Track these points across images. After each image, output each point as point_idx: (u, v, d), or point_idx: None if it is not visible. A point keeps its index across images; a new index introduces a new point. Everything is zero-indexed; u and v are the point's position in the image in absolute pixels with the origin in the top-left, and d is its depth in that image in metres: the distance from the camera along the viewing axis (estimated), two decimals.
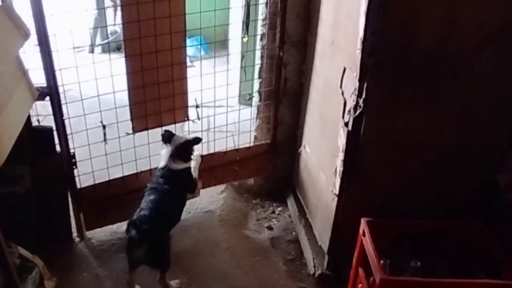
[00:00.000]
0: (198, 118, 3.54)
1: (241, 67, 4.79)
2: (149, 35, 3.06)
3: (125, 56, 3.13)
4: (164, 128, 3.36)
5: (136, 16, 2.98)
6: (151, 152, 3.41)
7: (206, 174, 3.64)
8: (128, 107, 3.25)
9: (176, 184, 3.15)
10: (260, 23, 3.66)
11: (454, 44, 2.43)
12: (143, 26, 3.02)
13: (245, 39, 3.98)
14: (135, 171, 3.45)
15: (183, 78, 3.36)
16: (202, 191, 3.74)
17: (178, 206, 3.25)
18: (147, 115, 3.32)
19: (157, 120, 3.38)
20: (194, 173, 3.36)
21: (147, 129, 3.38)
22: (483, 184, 2.85)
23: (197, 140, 3.26)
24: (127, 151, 3.34)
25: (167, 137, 3.23)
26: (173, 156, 3.17)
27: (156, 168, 3.28)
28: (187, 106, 3.48)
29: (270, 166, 4.03)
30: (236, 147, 3.81)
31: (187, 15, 3.16)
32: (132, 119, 3.30)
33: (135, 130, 3.33)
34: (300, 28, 3.44)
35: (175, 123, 3.50)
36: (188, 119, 3.54)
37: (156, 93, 3.27)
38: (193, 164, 3.33)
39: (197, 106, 3.48)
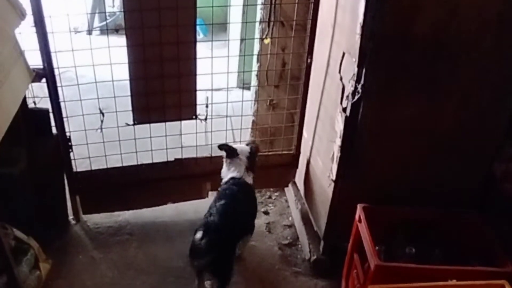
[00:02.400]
0: (206, 119, 3.35)
1: (240, 51, 4.77)
2: (154, 25, 2.90)
3: (127, 46, 2.99)
4: (223, 143, 3.14)
5: (138, 4, 2.85)
6: (153, 146, 3.35)
7: (216, 176, 3.33)
8: (129, 92, 3.14)
9: (249, 196, 3.10)
10: (258, 6, 3.62)
11: (453, 31, 2.41)
12: (148, 16, 2.88)
13: (266, 41, 3.58)
14: (134, 161, 3.37)
15: (192, 74, 3.18)
16: None
17: (249, 218, 3.15)
18: (150, 108, 3.19)
19: (161, 114, 3.23)
20: None
21: (149, 122, 3.28)
22: (480, 174, 2.85)
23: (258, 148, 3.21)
24: (126, 138, 3.29)
25: (231, 151, 3.09)
26: (248, 169, 3.08)
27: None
28: (195, 104, 3.30)
29: (291, 178, 3.85)
30: None
31: None
32: (133, 110, 3.18)
33: (136, 121, 3.22)
34: (300, 11, 3.40)
35: (180, 119, 3.37)
36: (196, 118, 3.34)
37: (160, 87, 3.13)
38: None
39: (206, 106, 3.29)
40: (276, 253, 3.39)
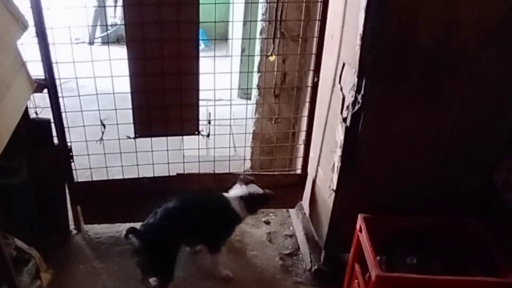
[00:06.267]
0: (208, 135, 3.32)
1: (241, 62, 4.79)
2: (156, 38, 2.88)
3: (129, 59, 2.95)
4: None
5: (139, 18, 2.81)
6: (155, 159, 3.30)
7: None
8: (130, 102, 3.11)
9: (224, 216, 3.02)
10: (259, 17, 3.64)
11: (453, 42, 2.42)
12: (149, 29, 2.85)
13: (271, 58, 3.47)
14: (135, 173, 3.34)
15: (194, 89, 3.11)
16: None
17: (211, 229, 3.03)
18: (152, 121, 3.15)
19: (162, 129, 3.18)
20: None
21: (150, 136, 3.23)
22: (481, 183, 2.84)
23: (270, 198, 3.07)
24: (127, 149, 3.26)
25: (246, 181, 3.07)
26: (244, 201, 3.00)
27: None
28: (198, 119, 3.22)
29: (298, 199, 3.70)
30: (258, 172, 3.63)
31: None
32: (134, 123, 3.15)
33: (137, 135, 3.17)
34: (300, 22, 3.41)
35: (182, 135, 3.35)
36: (198, 133, 3.27)
37: (162, 100, 3.08)
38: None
39: (209, 122, 3.25)
40: (277, 263, 3.39)
